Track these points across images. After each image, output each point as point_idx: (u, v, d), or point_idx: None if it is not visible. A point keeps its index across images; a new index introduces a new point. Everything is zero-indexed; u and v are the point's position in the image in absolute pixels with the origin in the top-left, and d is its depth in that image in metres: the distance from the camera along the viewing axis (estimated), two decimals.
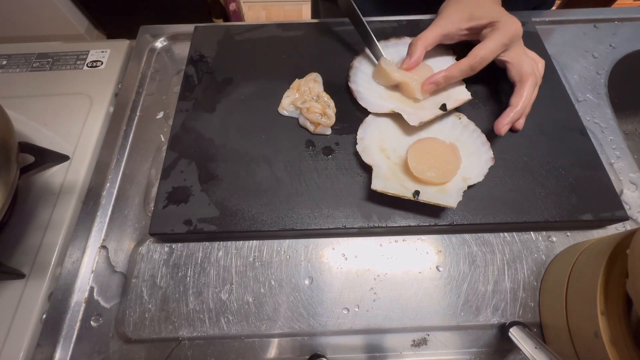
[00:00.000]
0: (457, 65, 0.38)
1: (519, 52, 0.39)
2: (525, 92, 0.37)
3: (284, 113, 0.41)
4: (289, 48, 0.47)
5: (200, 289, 0.34)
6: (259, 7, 1.83)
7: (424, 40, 0.40)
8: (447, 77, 0.38)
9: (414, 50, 0.40)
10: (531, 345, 0.27)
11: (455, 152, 0.36)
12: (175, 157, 0.39)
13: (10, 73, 0.49)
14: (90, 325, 0.33)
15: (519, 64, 0.38)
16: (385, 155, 0.37)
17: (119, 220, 0.38)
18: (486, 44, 0.37)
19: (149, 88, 0.47)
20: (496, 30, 0.38)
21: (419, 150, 0.36)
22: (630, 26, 0.51)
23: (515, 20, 0.38)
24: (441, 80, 0.38)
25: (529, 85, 0.37)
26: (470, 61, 0.37)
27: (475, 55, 0.37)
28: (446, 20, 0.40)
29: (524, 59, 0.38)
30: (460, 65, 0.38)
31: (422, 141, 0.37)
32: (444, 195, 0.34)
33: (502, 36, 0.37)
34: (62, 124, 0.45)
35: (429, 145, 0.36)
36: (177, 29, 0.52)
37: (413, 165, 0.35)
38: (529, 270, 0.35)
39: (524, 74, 0.38)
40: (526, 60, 0.38)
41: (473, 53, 0.37)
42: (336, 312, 0.33)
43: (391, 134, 0.39)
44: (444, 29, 0.40)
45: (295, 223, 0.35)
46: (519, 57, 0.38)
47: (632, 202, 0.38)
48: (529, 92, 0.38)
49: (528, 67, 0.38)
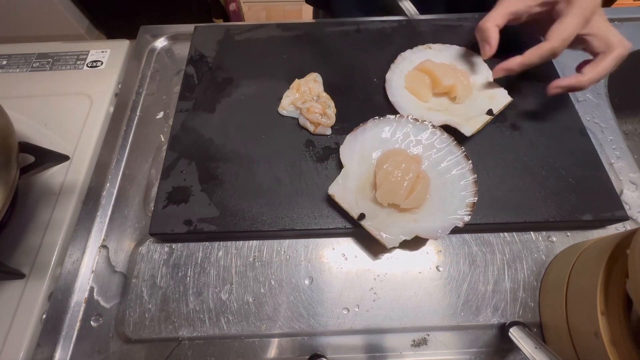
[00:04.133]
0: (536, 50, 0.34)
1: (602, 22, 0.34)
2: (606, 64, 0.33)
3: (283, 113, 0.41)
4: (289, 48, 0.47)
5: (200, 289, 0.34)
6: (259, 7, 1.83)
7: (493, 20, 0.36)
8: (523, 64, 0.35)
9: (488, 35, 0.36)
10: (531, 345, 0.27)
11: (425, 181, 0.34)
12: (175, 157, 0.39)
13: (10, 73, 0.49)
14: (90, 325, 0.33)
15: (604, 34, 0.33)
16: (365, 161, 0.36)
17: (119, 220, 0.38)
18: (565, 22, 0.33)
19: (149, 88, 0.47)
20: (573, 3, 0.33)
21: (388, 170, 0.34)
22: (630, 26, 0.51)
23: None
24: (516, 67, 0.35)
25: (613, 57, 0.33)
26: (551, 44, 0.33)
27: (556, 37, 0.33)
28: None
29: (610, 29, 0.34)
30: (539, 51, 0.34)
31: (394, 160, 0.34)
32: (389, 228, 0.32)
33: (582, 9, 0.33)
34: (62, 124, 0.45)
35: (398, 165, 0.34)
36: (177, 29, 0.52)
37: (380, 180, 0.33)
38: (529, 270, 0.35)
39: (612, 43, 0.33)
40: (612, 30, 0.34)
41: (553, 34, 0.33)
42: (336, 312, 0.33)
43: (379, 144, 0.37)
44: (513, 6, 0.36)
45: (295, 223, 0.35)
46: (605, 26, 0.34)
47: (632, 202, 0.38)
48: (609, 65, 0.33)
49: (616, 37, 0.33)
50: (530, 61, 0.35)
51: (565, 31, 0.33)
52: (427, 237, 0.33)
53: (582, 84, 0.34)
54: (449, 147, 0.36)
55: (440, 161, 0.36)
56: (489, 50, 0.37)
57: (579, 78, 0.34)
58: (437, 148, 0.37)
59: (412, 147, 0.37)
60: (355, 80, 0.44)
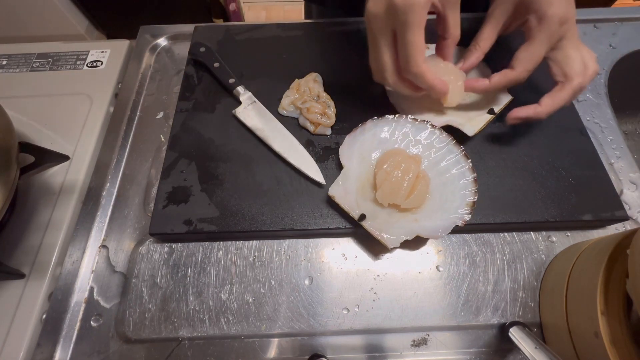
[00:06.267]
0: (503, 77, 0.34)
1: (567, 48, 0.33)
2: (563, 95, 0.33)
3: (283, 113, 0.41)
4: (289, 48, 0.47)
5: (200, 289, 0.34)
6: (259, 7, 1.83)
7: (482, 47, 0.36)
8: (487, 89, 0.36)
9: (468, 56, 0.37)
10: (531, 345, 0.27)
11: (425, 181, 0.34)
12: (175, 157, 0.39)
13: (10, 73, 0.49)
14: (90, 325, 0.33)
15: (565, 63, 0.33)
16: (365, 162, 0.36)
17: (119, 220, 0.38)
18: (531, 49, 0.33)
19: (149, 88, 0.47)
20: (542, 23, 0.32)
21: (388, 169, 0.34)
22: (630, 26, 0.51)
23: (567, 4, 0.32)
24: (479, 89, 0.36)
25: (572, 89, 0.33)
26: (516, 75, 0.34)
27: (522, 67, 0.33)
28: (498, 9, 0.35)
29: (574, 56, 0.33)
30: (505, 79, 0.34)
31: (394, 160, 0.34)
32: (389, 228, 0.33)
33: (549, 35, 0.32)
34: (62, 124, 0.45)
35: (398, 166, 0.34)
36: (177, 29, 0.52)
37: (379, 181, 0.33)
38: (529, 270, 0.35)
39: (570, 74, 0.33)
40: (577, 56, 0.33)
41: (519, 63, 0.34)
42: (336, 312, 0.33)
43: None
44: (498, 20, 0.35)
45: (295, 223, 0.35)
46: (570, 53, 0.33)
47: (632, 202, 0.38)
48: (566, 97, 0.33)
49: (577, 65, 0.33)
50: (495, 88, 0.35)
51: (530, 61, 0.33)
52: (428, 236, 0.33)
53: (539, 116, 0.34)
54: (448, 146, 0.36)
55: (439, 160, 0.36)
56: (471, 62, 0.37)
57: (537, 109, 0.34)
58: (436, 147, 0.37)
59: (411, 147, 0.37)
60: (355, 80, 0.44)
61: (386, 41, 0.32)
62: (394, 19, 0.30)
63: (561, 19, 0.32)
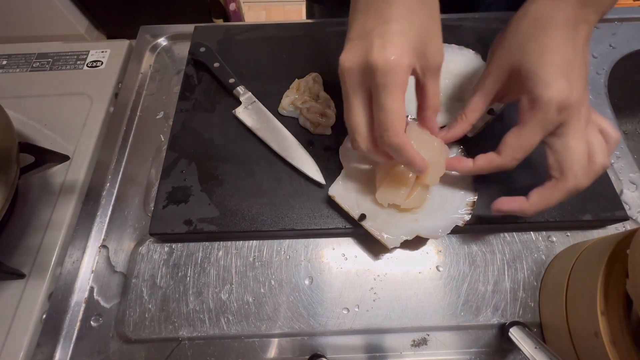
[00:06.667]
0: (487, 162, 0.30)
1: (567, 137, 0.27)
2: (556, 195, 0.28)
3: (283, 113, 0.41)
4: (289, 48, 0.47)
5: (200, 289, 0.34)
6: (259, 7, 1.83)
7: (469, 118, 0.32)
8: (470, 172, 0.31)
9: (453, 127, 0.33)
10: (531, 345, 0.27)
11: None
12: (175, 157, 0.39)
13: (10, 73, 0.49)
14: (90, 325, 0.33)
15: (564, 156, 0.27)
16: (365, 162, 0.36)
17: (119, 220, 0.38)
18: (522, 135, 0.28)
19: (149, 88, 0.47)
20: (536, 107, 0.26)
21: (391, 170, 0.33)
22: (630, 26, 0.51)
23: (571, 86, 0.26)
24: (461, 171, 0.32)
25: (566, 189, 0.27)
26: (503, 161, 0.29)
27: (509, 154, 0.28)
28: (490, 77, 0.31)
29: (573, 150, 0.27)
30: (490, 165, 0.30)
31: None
32: (390, 228, 0.32)
33: (543, 121, 0.26)
34: (62, 124, 0.45)
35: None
36: (177, 29, 0.52)
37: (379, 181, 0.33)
38: (529, 270, 0.35)
39: (567, 172, 0.27)
40: (576, 151, 0.27)
41: (507, 149, 0.28)
42: (336, 312, 0.33)
43: None
44: (489, 90, 0.31)
45: (295, 223, 0.35)
46: (566, 145, 0.27)
47: (632, 202, 0.38)
48: (559, 197, 0.28)
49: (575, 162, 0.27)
50: (479, 172, 0.31)
51: (519, 149, 0.28)
52: (428, 236, 0.33)
53: (525, 213, 0.29)
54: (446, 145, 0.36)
55: None
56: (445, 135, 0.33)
57: (523, 206, 0.29)
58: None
59: None
60: None
61: (360, 101, 0.27)
62: (371, 79, 0.25)
63: (560, 105, 0.25)
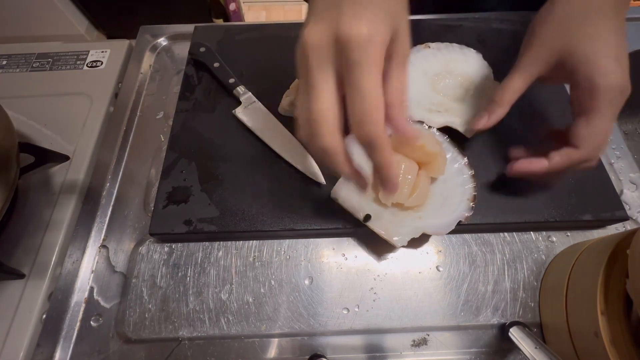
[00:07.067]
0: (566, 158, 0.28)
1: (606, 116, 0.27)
2: (573, 164, 0.28)
3: (283, 113, 0.41)
4: (289, 48, 0.47)
5: (200, 289, 0.34)
6: (259, 7, 1.83)
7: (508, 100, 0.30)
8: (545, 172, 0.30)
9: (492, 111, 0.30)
10: (531, 345, 0.27)
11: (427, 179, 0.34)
12: (175, 157, 0.39)
13: (10, 73, 0.49)
14: (90, 325, 0.33)
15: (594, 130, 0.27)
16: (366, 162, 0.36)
17: (119, 220, 0.38)
18: (594, 123, 0.26)
19: (149, 88, 0.47)
20: (596, 94, 0.26)
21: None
22: (630, 26, 0.51)
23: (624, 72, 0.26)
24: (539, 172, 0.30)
25: (580, 160, 0.28)
26: (582, 155, 0.27)
27: (587, 145, 0.27)
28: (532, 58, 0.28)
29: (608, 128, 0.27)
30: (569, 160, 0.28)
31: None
32: (395, 227, 0.32)
33: (613, 108, 0.26)
34: (62, 124, 0.45)
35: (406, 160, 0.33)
36: (177, 29, 0.52)
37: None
38: (529, 270, 0.35)
39: (594, 145, 0.28)
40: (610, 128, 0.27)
41: (583, 141, 0.27)
42: (336, 312, 0.33)
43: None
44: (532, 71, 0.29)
45: (295, 223, 0.35)
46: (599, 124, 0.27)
47: (632, 202, 0.38)
48: (574, 166, 0.28)
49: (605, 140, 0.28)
50: (557, 169, 0.29)
51: (597, 137, 0.26)
52: (434, 233, 0.33)
53: (544, 170, 0.29)
54: (444, 144, 0.37)
55: None
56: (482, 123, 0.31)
57: (542, 164, 0.28)
58: None
59: None
60: None
61: (327, 83, 0.21)
62: (342, 56, 0.20)
63: (621, 89, 0.26)
